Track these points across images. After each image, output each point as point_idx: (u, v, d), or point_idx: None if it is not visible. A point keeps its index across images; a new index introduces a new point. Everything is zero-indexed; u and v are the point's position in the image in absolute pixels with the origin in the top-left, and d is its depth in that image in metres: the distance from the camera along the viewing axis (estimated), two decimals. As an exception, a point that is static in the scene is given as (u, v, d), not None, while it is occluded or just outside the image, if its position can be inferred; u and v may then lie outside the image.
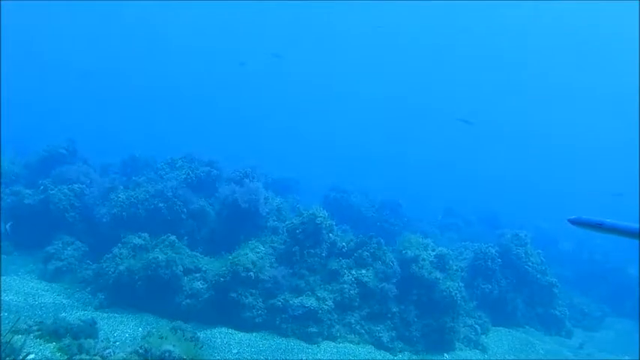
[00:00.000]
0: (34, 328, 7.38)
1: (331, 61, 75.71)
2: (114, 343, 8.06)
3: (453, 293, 11.13)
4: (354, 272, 11.24)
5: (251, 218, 12.81)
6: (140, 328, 9.40)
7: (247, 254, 10.89)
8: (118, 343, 8.27)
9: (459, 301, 11.29)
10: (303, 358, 9.29)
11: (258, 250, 11.39)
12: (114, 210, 12.77)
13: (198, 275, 11.03)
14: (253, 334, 10.00)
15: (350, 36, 71.84)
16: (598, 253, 21.69)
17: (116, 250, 11.27)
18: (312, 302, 10.44)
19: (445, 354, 10.93)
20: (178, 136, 42.12)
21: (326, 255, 11.48)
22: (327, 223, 11.60)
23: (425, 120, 71.22)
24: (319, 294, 10.73)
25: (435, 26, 65.82)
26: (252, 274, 10.47)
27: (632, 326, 15.87)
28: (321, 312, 10.37)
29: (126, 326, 9.43)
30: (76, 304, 10.26)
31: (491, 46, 67.65)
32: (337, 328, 10.53)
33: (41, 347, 6.97)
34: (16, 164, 16.07)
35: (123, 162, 18.98)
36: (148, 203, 12.99)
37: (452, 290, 11.15)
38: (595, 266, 20.49)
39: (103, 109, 56.32)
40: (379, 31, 61.57)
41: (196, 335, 8.66)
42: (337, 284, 11.00)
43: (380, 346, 10.53)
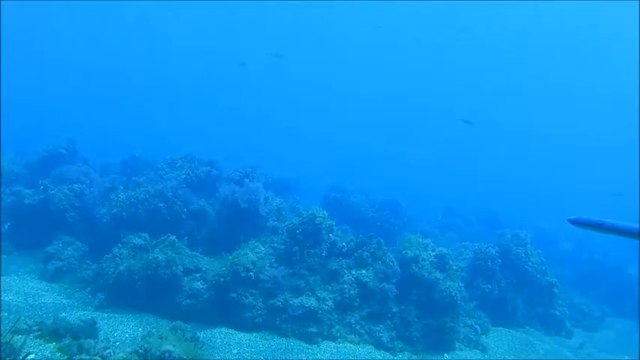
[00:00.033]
0: (34, 328, 7.39)
1: (331, 61, 75.77)
2: (114, 343, 8.07)
3: (453, 293, 11.13)
4: (354, 272, 11.24)
5: (251, 218, 12.82)
6: (140, 328, 9.41)
7: (247, 254, 10.90)
8: (118, 343, 8.27)
9: (459, 301, 11.29)
10: (303, 358, 9.29)
11: (258, 250, 11.39)
12: (114, 210, 12.78)
13: (198, 275, 11.03)
14: (253, 334, 10.01)
15: (350, 36, 71.87)
16: (598, 253, 21.69)
17: (116, 250, 11.28)
18: (312, 302, 10.44)
19: (445, 354, 10.93)
20: (178, 136, 42.18)
21: (326, 255, 11.49)
22: (327, 223, 11.61)
23: (425, 120, 71.30)
24: (319, 294, 10.73)
25: (435, 26, 65.84)
26: (252, 274, 10.48)
27: (632, 326, 15.87)
28: (321, 312, 10.37)
29: (126, 326, 9.43)
30: (76, 304, 10.27)
31: (491, 46, 67.68)
32: (337, 328, 10.54)
33: (41, 347, 6.98)
34: (16, 164, 16.08)
35: (123, 162, 19.00)
36: (148, 203, 12.99)
37: (452, 290, 11.15)
38: (595, 266, 20.50)
39: (103, 109, 56.39)
40: (379, 31, 61.61)
41: (196, 335, 8.67)
42: (337, 284, 11.00)
43: (380, 346, 10.54)
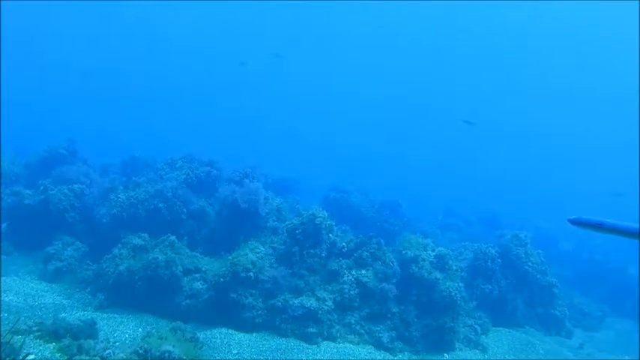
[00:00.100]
0: (34, 329, 7.39)
1: (331, 61, 75.78)
2: (114, 343, 8.07)
3: (453, 293, 11.13)
4: (353, 272, 11.23)
5: (251, 218, 12.82)
6: (140, 329, 9.41)
7: (247, 254, 10.89)
8: (117, 343, 8.26)
9: (459, 302, 11.29)
10: (303, 358, 9.29)
11: (257, 250, 11.39)
12: (114, 210, 12.78)
13: (198, 275, 11.03)
14: (253, 335, 10.01)
15: (350, 36, 71.87)
16: (598, 253, 21.68)
17: (116, 250, 11.28)
18: (312, 302, 10.44)
19: (445, 354, 10.93)
20: (178, 136, 42.20)
21: (326, 255, 11.48)
22: (327, 224, 11.60)
23: (425, 120, 71.32)
24: (319, 294, 10.73)
25: (435, 26, 65.85)
26: (252, 274, 10.47)
27: (632, 326, 15.87)
28: (320, 312, 10.37)
29: (126, 327, 9.43)
30: (75, 304, 10.27)
31: (491, 46, 67.68)
32: (337, 328, 10.53)
33: (41, 348, 6.98)
34: (16, 164, 16.09)
35: (123, 162, 19.01)
36: (147, 203, 12.99)
37: (452, 290, 11.15)
38: (595, 266, 20.49)
39: (103, 109, 56.41)
40: (379, 31, 61.60)
41: (196, 336, 8.67)
42: (337, 284, 11.00)
43: (380, 346, 10.53)
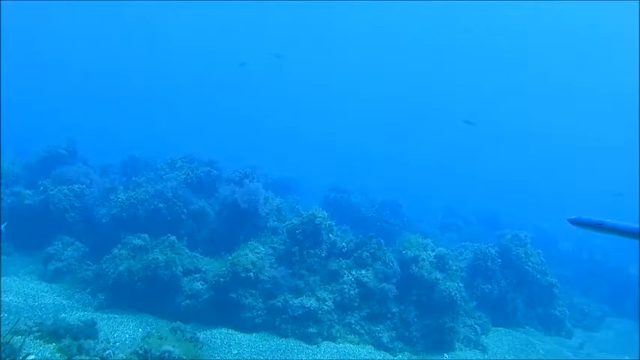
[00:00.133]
0: (34, 329, 7.40)
1: (331, 61, 75.77)
2: (114, 343, 8.07)
3: (453, 293, 11.13)
4: (353, 272, 11.24)
5: (251, 219, 12.82)
6: (140, 329, 9.41)
7: (247, 255, 10.89)
8: (117, 343, 8.26)
9: (459, 302, 11.30)
10: (303, 358, 9.29)
11: (257, 250, 11.39)
12: (114, 210, 12.78)
13: (197, 276, 11.03)
14: (253, 335, 10.01)
15: (350, 36, 71.88)
16: (598, 253, 21.67)
17: (116, 250, 11.28)
18: (311, 303, 10.44)
19: (445, 354, 10.93)
20: (178, 136, 42.19)
21: (326, 255, 11.49)
22: (327, 224, 11.60)
23: (425, 120, 71.29)
24: (319, 294, 10.73)
25: (435, 26, 65.84)
26: (252, 274, 10.47)
27: (632, 326, 15.87)
28: (320, 312, 10.37)
29: (126, 327, 9.43)
30: (75, 304, 10.27)
31: (491, 46, 67.67)
32: (337, 328, 10.54)
33: (41, 348, 6.98)
34: (16, 165, 16.09)
35: (123, 162, 19.00)
36: (147, 204, 12.99)
37: (451, 290, 11.15)
38: (595, 266, 20.49)
39: (103, 109, 56.40)
40: (379, 31, 61.59)
41: (196, 336, 8.67)
42: (337, 284, 11.00)
43: (380, 346, 10.53)
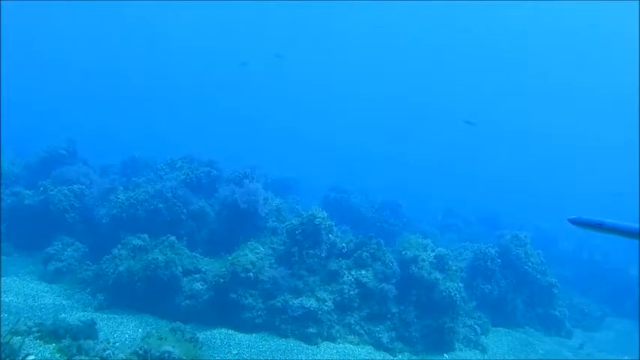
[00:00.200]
0: (34, 329, 7.38)
1: (331, 61, 75.79)
2: (113, 344, 8.06)
3: (453, 294, 11.13)
4: (353, 273, 11.23)
5: (250, 219, 12.82)
6: (140, 329, 9.40)
7: (247, 255, 10.89)
8: (117, 344, 8.26)
9: (459, 302, 11.29)
10: (303, 358, 9.29)
11: (257, 250, 11.39)
12: (113, 211, 12.78)
13: (197, 276, 11.02)
14: (253, 335, 10.01)
15: (350, 36, 71.89)
16: (598, 253, 21.65)
17: (116, 251, 11.28)
18: (311, 303, 10.44)
19: (445, 354, 10.93)
20: (178, 136, 42.21)
21: (325, 255, 11.48)
22: (327, 224, 11.60)
23: (425, 120, 71.30)
24: (319, 295, 10.73)
25: (435, 26, 65.85)
26: (252, 274, 10.47)
27: (632, 326, 15.87)
28: (320, 313, 10.37)
29: (125, 327, 9.43)
30: (75, 305, 10.27)
31: (491, 46, 67.68)
32: (337, 328, 10.53)
33: (41, 348, 6.97)
34: (16, 165, 16.08)
35: (123, 163, 19.00)
36: (147, 204, 12.99)
37: (451, 291, 11.15)
38: (595, 266, 20.49)
39: (103, 109, 56.41)
40: (379, 31, 61.60)
41: (196, 336, 8.66)
42: (337, 285, 11.00)
43: (379, 346, 10.53)
